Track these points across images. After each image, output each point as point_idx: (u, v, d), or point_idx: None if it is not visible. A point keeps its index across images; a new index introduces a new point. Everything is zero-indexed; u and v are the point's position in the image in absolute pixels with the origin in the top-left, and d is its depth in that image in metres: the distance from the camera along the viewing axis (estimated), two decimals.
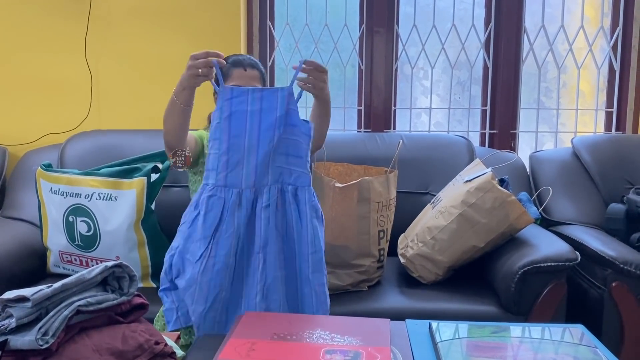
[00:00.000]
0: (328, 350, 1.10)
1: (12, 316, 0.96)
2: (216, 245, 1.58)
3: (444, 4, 2.79)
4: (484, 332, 1.24)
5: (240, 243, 1.59)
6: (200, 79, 1.61)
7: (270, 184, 1.61)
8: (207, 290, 1.57)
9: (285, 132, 1.60)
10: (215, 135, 1.60)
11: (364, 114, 2.84)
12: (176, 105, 1.67)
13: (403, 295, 1.98)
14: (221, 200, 1.59)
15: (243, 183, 1.59)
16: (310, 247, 1.61)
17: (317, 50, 2.78)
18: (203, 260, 1.58)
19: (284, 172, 1.62)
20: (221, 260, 1.56)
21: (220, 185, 1.59)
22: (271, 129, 1.59)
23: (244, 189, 1.59)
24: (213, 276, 1.57)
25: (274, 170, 1.61)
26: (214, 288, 1.57)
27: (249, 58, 1.93)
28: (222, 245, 1.57)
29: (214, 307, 1.57)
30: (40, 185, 2.13)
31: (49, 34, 2.65)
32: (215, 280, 1.57)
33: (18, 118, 2.69)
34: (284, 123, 1.60)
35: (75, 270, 2.11)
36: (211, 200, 1.59)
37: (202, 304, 1.56)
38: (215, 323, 1.58)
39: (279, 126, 1.59)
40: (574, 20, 2.78)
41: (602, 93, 2.85)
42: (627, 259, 1.90)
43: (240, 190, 1.59)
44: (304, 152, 1.62)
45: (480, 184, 1.97)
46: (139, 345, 1.06)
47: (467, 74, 2.83)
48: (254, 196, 1.60)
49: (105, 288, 1.09)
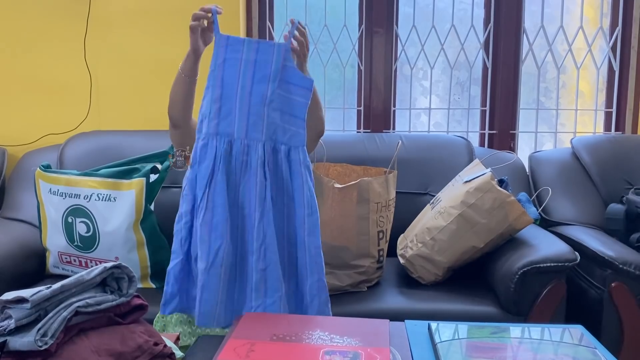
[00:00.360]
0: (327, 351, 1.10)
1: (11, 317, 0.96)
2: (213, 196, 1.56)
3: (443, 5, 2.79)
4: (484, 332, 1.24)
5: (234, 198, 1.58)
6: (199, 31, 1.64)
7: (264, 140, 1.58)
8: (209, 243, 1.54)
9: (280, 88, 1.59)
10: (209, 82, 1.60)
11: (364, 115, 2.84)
12: (179, 76, 1.71)
13: (402, 296, 1.98)
14: (213, 149, 1.57)
15: (235, 133, 1.58)
16: (306, 209, 1.59)
17: (317, 50, 2.78)
18: (200, 212, 1.56)
19: (278, 129, 1.60)
20: (219, 211, 1.54)
21: (212, 134, 1.58)
22: (264, 82, 1.58)
23: (236, 139, 1.58)
24: (213, 228, 1.54)
25: (268, 126, 1.58)
26: (215, 240, 1.54)
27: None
28: (219, 194, 1.55)
29: (217, 262, 1.53)
30: (40, 186, 2.13)
31: (49, 35, 2.65)
32: (215, 233, 1.54)
33: (17, 119, 2.69)
34: (279, 79, 1.58)
35: (74, 271, 2.11)
36: (203, 150, 1.58)
37: (204, 260, 1.53)
38: (221, 282, 1.53)
39: (273, 80, 1.58)
40: (574, 21, 2.78)
41: (602, 93, 2.86)
42: (627, 259, 1.90)
43: (231, 139, 1.58)
44: (300, 111, 1.61)
45: (479, 185, 1.97)
46: (138, 346, 1.06)
47: (467, 74, 2.83)
48: (246, 149, 1.58)
49: (104, 289, 1.09)
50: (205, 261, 1.54)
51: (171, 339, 1.29)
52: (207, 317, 1.54)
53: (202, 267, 1.54)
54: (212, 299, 1.54)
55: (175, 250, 1.61)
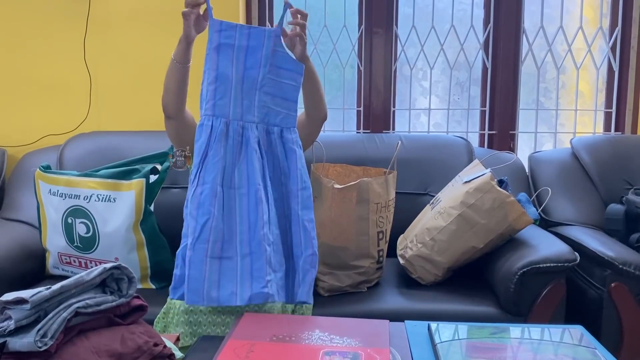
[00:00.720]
0: (327, 351, 1.10)
1: (10, 318, 0.96)
2: (204, 172, 1.60)
3: (442, 5, 2.79)
4: (483, 333, 1.24)
5: (229, 173, 1.61)
6: (192, 17, 1.66)
7: (257, 122, 1.65)
8: (195, 218, 1.57)
9: (270, 73, 1.65)
10: (206, 66, 1.65)
11: (363, 115, 2.84)
12: (172, 63, 1.74)
13: (402, 296, 1.98)
14: (208, 128, 1.62)
15: (230, 114, 1.64)
16: (299, 183, 1.66)
17: (316, 51, 2.78)
18: (192, 187, 1.60)
19: (270, 112, 1.67)
20: (208, 187, 1.58)
21: (209, 115, 1.64)
22: (256, 67, 1.64)
23: (231, 120, 1.63)
24: (200, 203, 1.58)
25: (260, 109, 1.66)
26: (201, 216, 1.57)
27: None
28: (209, 171, 1.59)
29: (203, 237, 1.56)
30: (39, 186, 2.13)
31: (48, 35, 2.65)
32: (202, 208, 1.57)
33: (17, 119, 2.69)
34: (270, 63, 1.65)
35: (74, 271, 2.11)
36: (200, 129, 1.63)
37: (191, 235, 1.56)
38: (207, 258, 1.55)
39: (264, 65, 1.64)
40: (573, 21, 2.78)
41: (601, 93, 2.86)
42: (626, 259, 1.90)
43: (227, 120, 1.63)
44: (291, 95, 1.68)
45: (479, 185, 1.97)
46: (138, 347, 1.06)
47: (466, 74, 2.83)
48: (241, 130, 1.64)
49: (104, 290, 1.09)
50: (192, 235, 1.56)
51: (171, 339, 1.29)
52: (195, 293, 1.55)
53: (189, 242, 1.56)
54: (198, 274, 1.55)
55: (185, 234, 1.63)
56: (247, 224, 1.60)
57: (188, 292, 1.55)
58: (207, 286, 1.55)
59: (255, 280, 1.57)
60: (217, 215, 1.58)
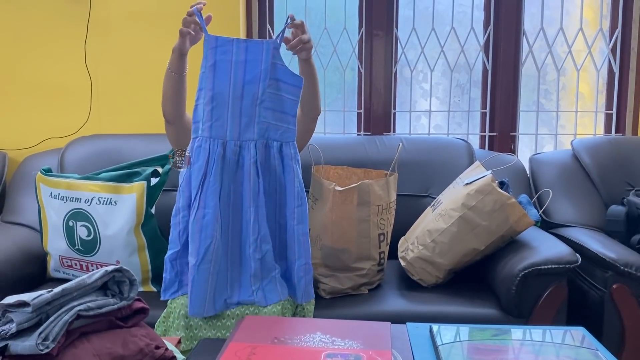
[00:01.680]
0: (329, 354, 1.10)
1: (12, 321, 0.96)
2: (205, 195, 1.62)
3: (443, 7, 2.79)
4: (485, 335, 1.24)
5: (227, 196, 1.65)
6: (187, 37, 1.68)
7: (256, 139, 1.65)
8: (199, 241, 1.61)
9: (270, 87, 1.64)
10: (201, 85, 1.64)
11: (364, 117, 2.84)
12: (168, 72, 1.77)
13: (403, 298, 1.98)
14: (206, 152, 1.63)
15: (227, 134, 1.64)
16: (296, 200, 1.69)
17: (317, 53, 2.78)
18: (193, 210, 1.62)
19: (270, 127, 1.66)
20: (210, 212, 1.61)
21: (206, 137, 1.64)
22: (256, 82, 1.63)
23: (228, 140, 1.64)
24: (203, 227, 1.61)
25: (260, 126, 1.65)
26: (204, 239, 1.61)
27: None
28: (211, 196, 1.61)
29: (207, 259, 1.61)
30: (40, 189, 2.13)
31: (49, 39, 2.65)
32: (205, 232, 1.61)
33: (18, 123, 2.69)
34: (270, 77, 1.63)
35: (75, 274, 2.11)
36: (197, 151, 1.64)
37: (194, 256, 1.61)
38: (210, 276, 1.63)
39: (263, 79, 1.63)
40: (573, 23, 2.79)
41: (602, 95, 2.86)
42: (628, 260, 1.90)
43: (224, 141, 1.63)
44: (291, 109, 1.68)
45: (480, 187, 1.97)
46: (140, 349, 1.06)
47: (467, 76, 2.83)
48: (238, 149, 1.65)
49: (105, 292, 1.09)
50: (195, 258, 1.62)
51: (172, 342, 1.29)
52: (198, 309, 1.63)
53: (192, 263, 1.62)
54: (201, 294, 1.63)
55: (173, 241, 1.70)
56: (238, 243, 1.69)
57: (192, 307, 1.63)
58: (207, 300, 1.64)
59: (243, 288, 1.69)
60: (219, 238, 1.64)
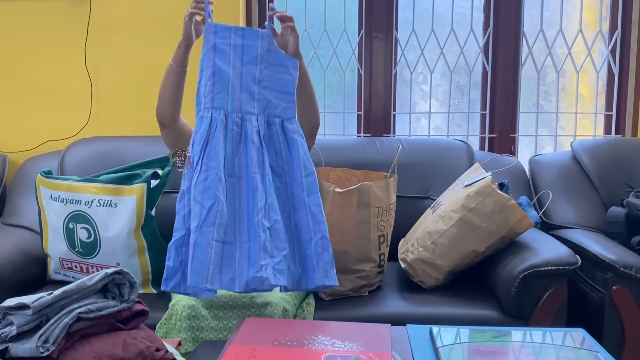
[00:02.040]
0: (329, 356, 1.10)
1: (12, 324, 0.96)
2: (207, 159, 1.63)
3: (442, 9, 2.80)
4: (485, 336, 1.24)
5: (231, 165, 1.65)
6: (193, 21, 1.74)
7: (257, 113, 1.70)
8: (201, 203, 1.59)
9: (267, 69, 1.73)
10: (202, 65, 1.70)
11: (364, 119, 2.84)
12: (170, 67, 1.80)
13: (404, 300, 1.98)
14: (208, 119, 1.66)
15: (229, 107, 1.69)
16: (303, 170, 1.69)
17: (317, 55, 2.78)
18: (195, 174, 1.63)
19: (270, 104, 1.72)
20: (213, 173, 1.61)
21: (208, 107, 1.67)
22: (253, 63, 1.71)
23: (230, 112, 1.68)
24: (205, 188, 1.60)
25: (259, 102, 1.71)
26: (207, 200, 1.59)
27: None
28: (212, 158, 1.63)
29: (209, 221, 1.58)
30: (40, 192, 2.13)
31: (49, 41, 2.66)
32: (208, 193, 1.60)
33: (18, 125, 2.69)
34: (266, 60, 1.72)
35: (75, 276, 2.11)
36: (199, 121, 1.67)
37: (196, 218, 1.58)
38: (214, 242, 1.57)
39: (260, 61, 1.72)
40: (573, 24, 2.79)
41: (601, 96, 2.86)
42: (628, 262, 1.90)
43: (226, 112, 1.68)
44: (290, 87, 1.74)
45: (480, 188, 1.97)
46: (140, 352, 1.06)
47: (466, 78, 2.83)
48: (240, 122, 1.69)
49: (105, 295, 1.09)
50: (197, 219, 1.58)
51: (173, 344, 1.29)
52: (199, 275, 1.56)
53: (194, 225, 1.58)
54: (203, 257, 1.56)
55: (178, 227, 1.65)
56: (246, 211, 1.64)
57: (192, 273, 1.55)
58: (212, 269, 1.56)
59: (251, 266, 1.60)
60: (223, 200, 1.61)
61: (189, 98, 1.75)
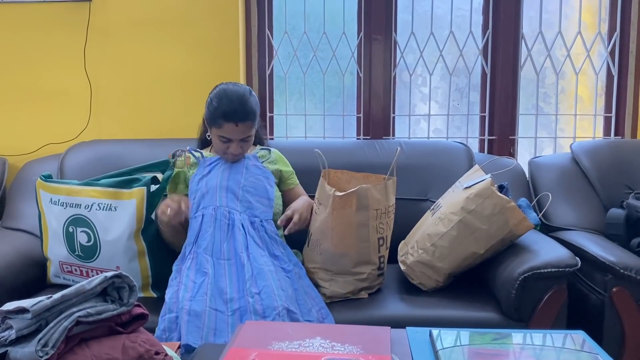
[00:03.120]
0: (329, 358, 1.09)
1: (11, 327, 0.96)
2: (197, 247, 1.88)
3: (441, 11, 2.80)
4: (485, 339, 1.24)
5: (218, 248, 1.86)
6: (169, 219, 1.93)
7: (241, 211, 1.93)
8: (194, 280, 1.79)
9: (251, 178, 2.01)
10: (192, 188, 2.03)
11: (363, 121, 2.84)
12: (164, 233, 2.03)
13: (403, 303, 1.98)
14: (200, 218, 1.92)
15: (217, 202, 1.94)
16: (290, 264, 1.91)
17: (316, 58, 2.78)
18: (187, 261, 1.86)
19: (251, 206, 1.96)
20: (202, 256, 1.84)
21: (200, 208, 1.95)
22: (239, 174, 2.00)
23: (218, 206, 1.93)
24: (197, 269, 1.82)
25: (242, 202, 1.95)
26: (200, 277, 1.80)
27: (241, 106, 1.98)
28: (201, 245, 1.87)
29: (202, 292, 1.75)
30: (40, 195, 2.13)
31: (48, 45, 2.66)
32: (200, 272, 1.81)
33: (18, 128, 2.69)
34: (250, 173, 2.02)
35: (75, 280, 2.10)
36: (193, 220, 1.94)
37: (189, 291, 1.76)
38: (206, 307, 1.72)
39: (245, 174, 2.01)
40: (572, 26, 2.79)
41: (601, 98, 2.86)
42: (628, 264, 1.89)
43: (215, 207, 1.93)
44: (269, 194, 2.01)
45: (479, 191, 1.97)
46: (139, 355, 1.06)
47: (466, 80, 2.84)
48: (227, 214, 1.92)
49: (105, 298, 1.09)
50: (190, 292, 1.76)
51: (172, 347, 1.29)
52: (193, 336, 1.68)
53: (187, 297, 1.75)
54: (198, 322, 1.69)
55: (170, 309, 1.77)
56: (236, 285, 1.78)
57: (187, 334, 1.66)
58: (205, 332, 1.68)
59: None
60: (211, 275, 1.79)
61: (201, 100, 1.82)
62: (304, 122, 2.85)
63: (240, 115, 1.94)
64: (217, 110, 1.95)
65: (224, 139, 1.98)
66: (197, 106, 2.17)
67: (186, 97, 2.64)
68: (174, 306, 1.74)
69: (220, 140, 1.98)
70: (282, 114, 2.86)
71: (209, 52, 2.63)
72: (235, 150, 1.98)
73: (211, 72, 2.60)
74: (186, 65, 2.65)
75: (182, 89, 2.65)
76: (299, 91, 2.86)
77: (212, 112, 1.97)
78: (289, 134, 2.86)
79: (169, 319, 1.71)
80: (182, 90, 2.65)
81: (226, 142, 1.98)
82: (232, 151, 1.98)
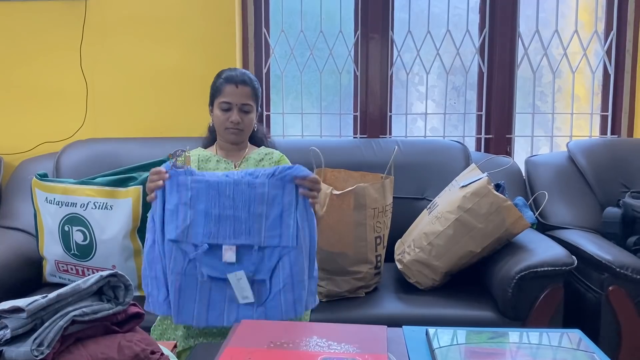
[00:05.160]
0: (325, 358, 1.09)
1: (6, 327, 0.95)
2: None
3: (438, 10, 2.80)
4: (482, 338, 1.24)
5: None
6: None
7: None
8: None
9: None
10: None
11: (360, 120, 2.84)
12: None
13: (400, 302, 1.98)
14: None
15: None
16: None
17: (313, 56, 2.78)
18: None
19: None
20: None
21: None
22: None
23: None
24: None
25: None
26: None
27: (242, 74, 1.96)
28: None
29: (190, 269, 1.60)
30: (36, 194, 2.12)
31: (44, 43, 2.65)
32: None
33: (13, 127, 2.69)
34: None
35: (71, 279, 2.10)
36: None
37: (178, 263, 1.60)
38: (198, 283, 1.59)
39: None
40: (568, 25, 2.79)
41: (597, 97, 2.86)
42: (624, 262, 1.90)
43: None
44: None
45: (476, 189, 1.97)
46: (135, 354, 1.05)
47: (462, 79, 2.84)
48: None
49: (100, 297, 1.08)
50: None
51: (168, 347, 1.28)
52: (185, 316, 1.59)
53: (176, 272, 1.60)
54: (189, 297, 1.59)
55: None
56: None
57: (178, 314, 1.58)
58: (196, 313, 1.59)
59: (242, 308, 1.61)
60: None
61: (197, 99, 1.75)
62: (301, 121, 2.84)
63: (240, 78, 1.94)
64: (219, 77, 1.97)
65: (225, 106, 1.93)
66: (193, 104, 2.15)
67: (182, 96, 2.64)
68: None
69: (222, 110, 1.93)
70: (279, 112, 2.85)
71: (205, 50, 2.63)
72: (235, 118, 1.93)
73: (207, 71, 2.57)
74: (182, 64, 2.64)
75: (178, 87, 2.65)
76: (295, 90, 2.85)
77: (215, 81, 1.97)
78: (285, 132, 2.85)
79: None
80: (179, 89, 2.65)
81: (227, 110, 1.94)
82: (232, 119, 1.92)
